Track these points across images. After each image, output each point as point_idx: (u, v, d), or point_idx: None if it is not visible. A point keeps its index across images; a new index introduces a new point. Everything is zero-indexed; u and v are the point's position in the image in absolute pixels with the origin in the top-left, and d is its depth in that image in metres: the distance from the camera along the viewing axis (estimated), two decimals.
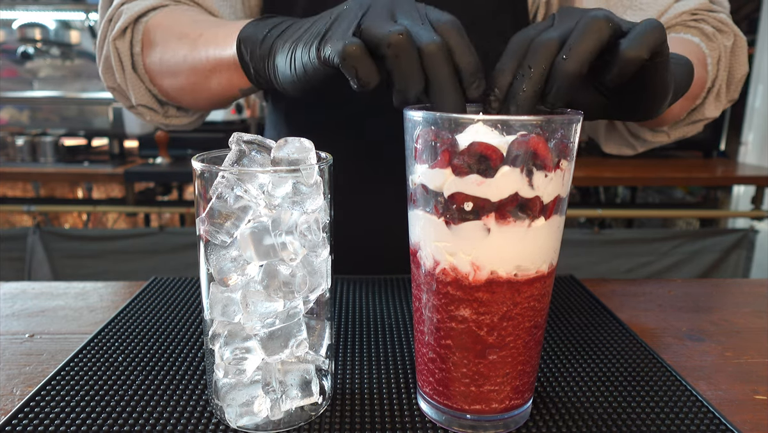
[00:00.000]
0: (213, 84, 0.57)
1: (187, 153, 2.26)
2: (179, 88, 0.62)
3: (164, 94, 0.65)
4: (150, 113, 0.68)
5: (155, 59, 0.61)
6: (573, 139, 0.37)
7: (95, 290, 0.68)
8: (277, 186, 0.37)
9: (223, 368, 0.40)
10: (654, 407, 0.44)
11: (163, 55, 0.60)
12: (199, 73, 0.58)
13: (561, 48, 0.36)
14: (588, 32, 0.36)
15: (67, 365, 0.48)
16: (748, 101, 2.57)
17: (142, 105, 0.66)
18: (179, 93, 0.63)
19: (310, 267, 0.40)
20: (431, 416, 0.42)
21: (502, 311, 0.38)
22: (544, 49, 0.36)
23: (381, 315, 0.59)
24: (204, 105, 0.64)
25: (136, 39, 0.62)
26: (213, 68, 0.56)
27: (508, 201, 0.35)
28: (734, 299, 0.69)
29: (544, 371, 0.49)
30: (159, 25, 0.61)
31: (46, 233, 1.96)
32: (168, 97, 0.65)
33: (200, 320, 0.58)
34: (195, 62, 0.57)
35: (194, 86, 0.60)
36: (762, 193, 2.09)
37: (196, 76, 0.58)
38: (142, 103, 0.65)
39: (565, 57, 0.36)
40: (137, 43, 0.62)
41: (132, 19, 0.61)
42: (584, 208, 2.20)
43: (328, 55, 0.39)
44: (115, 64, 0.63)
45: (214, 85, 0.58)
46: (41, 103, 2.35)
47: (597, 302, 0.64)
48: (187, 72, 0.59)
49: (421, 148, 0.37)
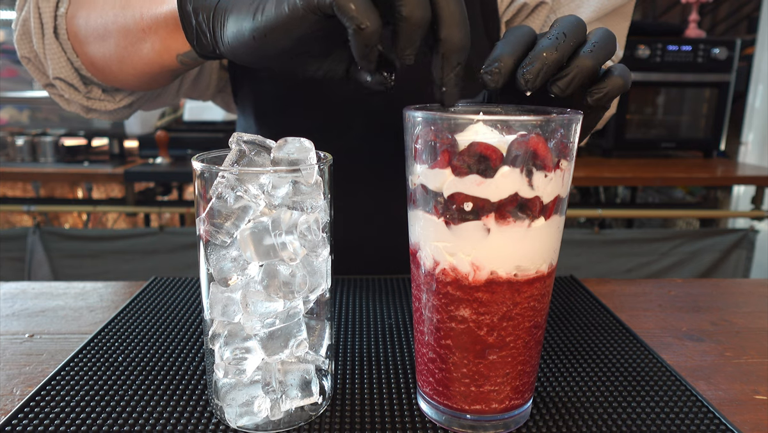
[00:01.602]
0: (145, 49, 0.50)
1: (187, 153, 2.26)
2: (106, 55, 0.54)
3: (88, 65, 0.57)
4: (69, 90, 0.59)
5: (81, 21, 0.55)
6: (573, 139, 0.37)
7: (95, 290, 0.68)
8: (277, 186, 0.37)
9: (223, 368, 0.40)
10: (654, 407, 0.44)
11: (91, 14, 0.54)
12: (130, 35, 0.50)
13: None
14: (609, 42, 0.38)
15: (67, 365, 0.48)
16: (748, 101, 2.57)
17: (59, 79, 0.58)
18: (105, 62, 0.55)
19: (310, 267, 0.40)
20: (431, 416, 0.42)
21: (501, 311, 0.38)
22: (578, 29, 0.38)
23: (381, 315, 0.60)
24: (131, 80, 0.56)
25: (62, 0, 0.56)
26: (147, 27, 0.49)
27: (508, 201, 0.35)
28: (734, 299, 0.69)
29: (544, 371, 0.49)
30: None
31: (46, 233, 1.96)
32: (93, 68, 0.57)
33: (200, 320, 0.58)
34: (126, 21, 0.50)
35: (123, 51, 0.52)
36: (762, 193, 2.09)
37: (126, 39, 0.51)
38: (60, 76, 0.58)
39: (591, 51, 0.37)
40: (63, 3, 0.56)
41: None
42: (584, 209, 2.19)
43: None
44: (34, 27, 0.56)
45: (146, 50, 0.50)
46: (41, 103, 2.34)
47: (597, 302, 0.64)
48: (117, 33, 0.51)
49: (420, 148, 0.37)
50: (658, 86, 2.26)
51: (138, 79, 0.55)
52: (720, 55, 2.16)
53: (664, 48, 2.16)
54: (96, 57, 0.55)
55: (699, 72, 2.21)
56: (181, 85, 0.72)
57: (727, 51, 2.17)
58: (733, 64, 2.19)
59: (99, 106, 0.62)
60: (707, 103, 2.28)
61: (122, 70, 0.54)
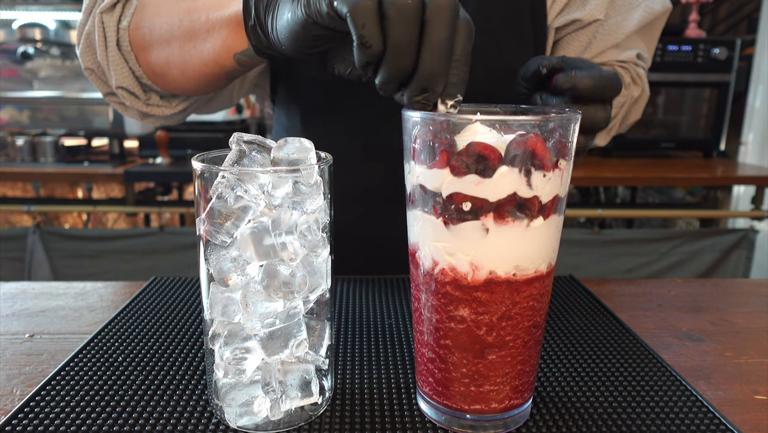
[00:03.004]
0: (206, 50, 0.55)
1: (187, 153, 2.26)
2: (168, 59, 0.58)
3: (150, 71, 0.61)
4: (130, 98, 0.64)
5: (145, 30, 0.59)
6: (571, 138, 0.37)
7: (95, 290, 0.68)
8: (277, 186, 0.37)
9: (223, 368, 0.40)
10: (654, 407, 0.44)
11: (155, 21, 0.58)
12: (194, 37, 0.55)
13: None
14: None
15: (67, 365, 0.48)
16: (748, 101, 2.57)
17: (122, 88, 0.62)
18: (166, 67, 0.59)
19: (310, 267, 0.40)
20: (431, 416, 0.42)
21: (501, 310, 0.38)
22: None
23: (381, 315, 0.60)
24: (189, 84, 0.60)
25: (125, 13, 0.59)
26: (210, 28, 0.54)
27: (507, 201, 0.35)
28: (734, 299, 0.69)
29: (544, 371, 0.49)
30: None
31: (46, 233, 1.96)
32: (153, 74, 0.61)
33: (200, 320, 0.58)
34: (192, 23, 0.55)
35: (185, 54, 0.57)
36: (762, 193, 2.09)
37: (190, 41, 0.56)
38: (123, 85, 0.62)
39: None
40: (126, 17, 0.59)
41: None
42: (584, 209, 2.19)
43: (338, 6, 0.37)
44: (98, 39, 0.60)
45: (207, 50, 0.55)
46: (41, 103, 2.35)
47: (597, 302, 0.64)
48: (181, 37, 0.56)
49: (419, 148, 0.37)
50: (658, 86, 2.26)
51: (196, 82, 0.59)
52: (720, 55, 2.16)
53: (664, 48, 2.16)
54: (158, 63, 0.60)
55: (699, 72, 2.21)
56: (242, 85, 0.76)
57: (727, 51, 2.17)
58: (733, 64, 2.19)
59: (157, 111, 0.66)
60: (707, 103, 2.28)
61: (182, 73, 0.59)
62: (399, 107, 0.40)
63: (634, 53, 0.72)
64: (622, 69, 0.73)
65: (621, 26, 0.70)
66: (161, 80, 0.62)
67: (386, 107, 0.70)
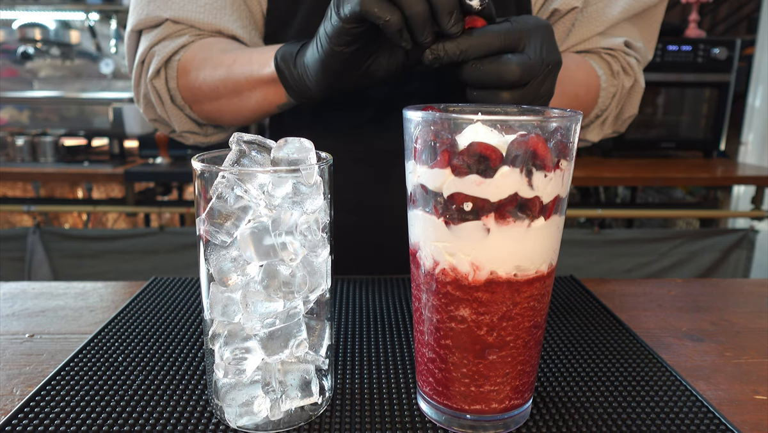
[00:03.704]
0: (252, 102, 0.63)
1: (187, 153, 2.25)
2: (220, 109, 0.67)
3: (204, 117, 0.70)
4: (193, 136, 0.74)
5: (194, 88, 0.66)
6: (572, 139, 0.37)
7: (95, 290, 0.68)
8: (277, 186, 0.37)
9: (223, 368, 0.40)
10: (654, 407, 0.44)
11: (203, 83, 0.65)
12: (238, 93, 0.63)
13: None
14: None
15: (67, 365, 0.48)
16: (748, 101, 2.57)
17: (185, 131, 0.72)
18: (219, 114, 0.68)
19: (310, 267, 0.40)
20: (431, 416, 0.42)
21: (501, 311, 0.38)
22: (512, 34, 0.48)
23: (381, 315, 0.60)
24: (243, 121, 0.69)
25: (170, 75, 0.67)
26: (252, 87, 0.62)
27: (508, 201, 0.35)
28: (734, 299, 0.69)
29: (544, 371, 0.49)
30: (193, 59, 0.66)
31: (46, 233, 1.96)
32: (208, 118, 0.70)
33: (200, 320, 0.58)
34: (235, 83, 0.63)
35: (235, 105, 0.65)
36: (762, 193, 2.09)
37: (236, 96, 0.64)
38: (185, 129, 0.72)
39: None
40: (172, 79, 0.67)
41: (164, 59, 0.66)
42: (584, 209, 2.19)
43: (348, 11, 0.44)
44: (155, 100, 0.69)
45: (252, 102, 0.63)
46: (41, 103, 2.35)
47: (597, 302, 0.64)
48: (227, 93, 0.64)
49: (420, 148, 0.37)
50: (658, 86, 2.26)
51: (247, 120, 0.69)
52: (720, 55, 2.16)
53: (664, 48, 2.16)
54: (211, 112, 0.69)
55: (699, 72, 2.21)
56: None
57: (727, 51, 2.17)
58: (733, 64, 2.19)
59: (214, 138, 0.77)
60: (707, 103, 2.28)
61: (234, 117, 0.68)
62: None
63: (621, 41, 0.70)
64: (610, 57, 0.70)
65: (603, 13, 0.69)
66: (215, 122, 0.71)
67: (379, 105, 0.70)
